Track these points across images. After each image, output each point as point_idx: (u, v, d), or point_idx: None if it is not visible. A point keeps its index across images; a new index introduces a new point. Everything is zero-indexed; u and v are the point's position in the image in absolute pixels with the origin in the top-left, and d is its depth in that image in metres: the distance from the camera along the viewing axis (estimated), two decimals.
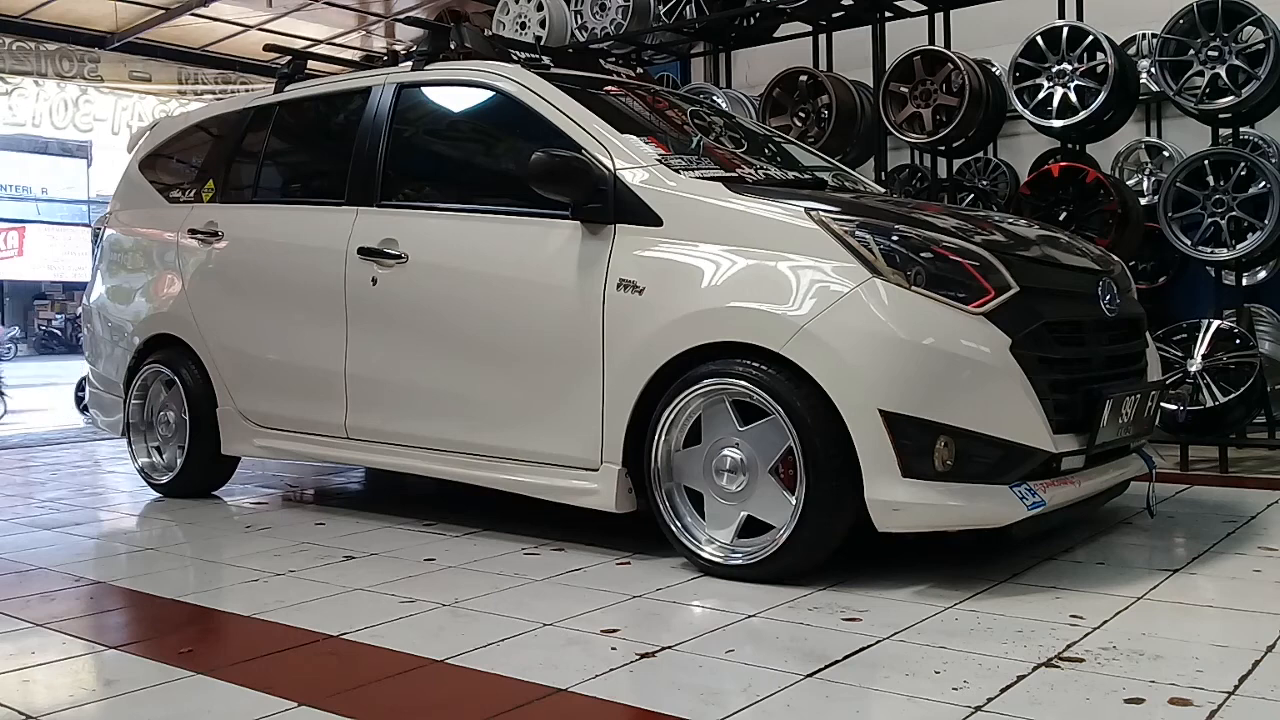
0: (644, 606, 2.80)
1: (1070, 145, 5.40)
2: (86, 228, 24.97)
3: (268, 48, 5.60)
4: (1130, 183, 6.38)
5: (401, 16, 8.90)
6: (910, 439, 2.77)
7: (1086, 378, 3.05)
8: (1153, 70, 5.38)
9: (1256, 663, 2.23)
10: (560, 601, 2.84)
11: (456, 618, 2.73)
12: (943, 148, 5.63)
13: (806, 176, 3.81)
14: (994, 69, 6.05)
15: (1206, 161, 4.89)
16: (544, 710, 2.11)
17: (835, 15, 6.06)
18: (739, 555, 3.01)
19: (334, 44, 9.95)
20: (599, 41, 6.41)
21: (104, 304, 5.10)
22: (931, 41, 5.61)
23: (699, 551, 3.08)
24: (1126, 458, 3.39)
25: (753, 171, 3.56)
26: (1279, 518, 3.69)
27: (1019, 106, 5.15)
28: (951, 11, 5.65)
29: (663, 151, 3.42)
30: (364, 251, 3.87)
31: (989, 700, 2.07)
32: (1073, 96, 5.01)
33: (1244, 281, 5.45)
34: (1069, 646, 2.37)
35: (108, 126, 11.09)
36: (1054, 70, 5.05)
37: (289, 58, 4.79)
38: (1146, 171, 6.54)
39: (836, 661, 2.32)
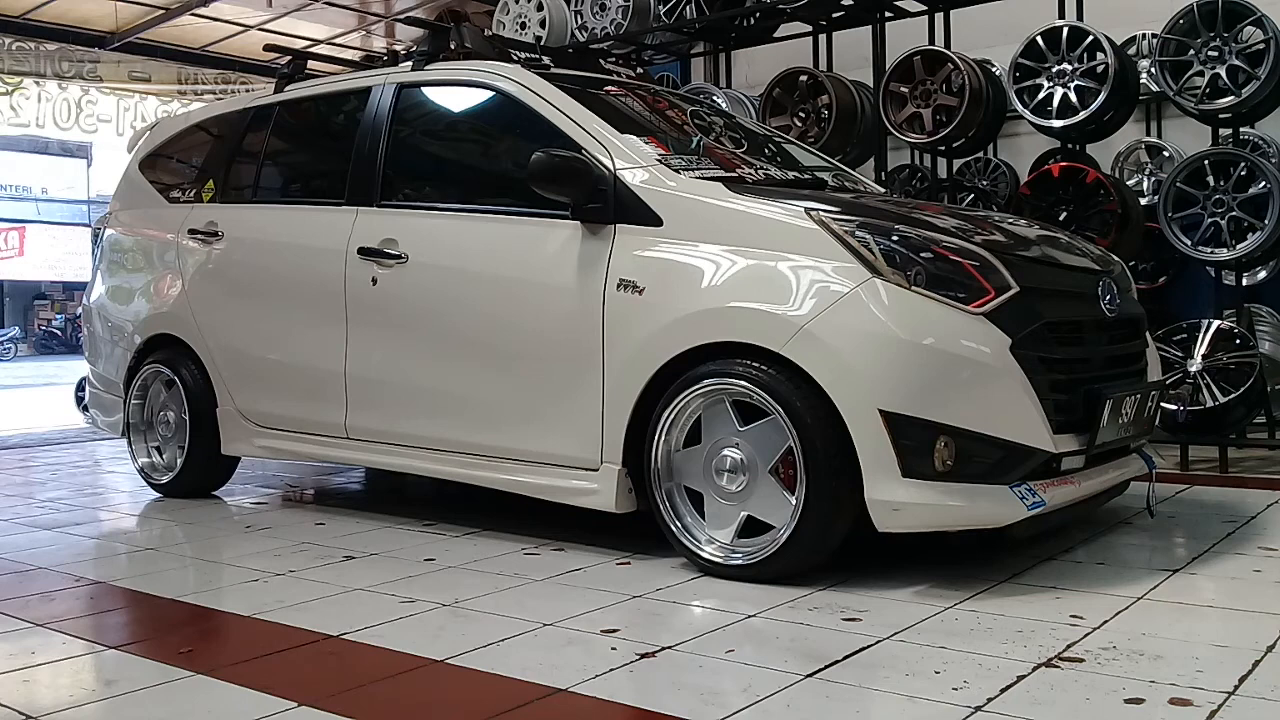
0: (644, 606, 2.80)
1: (1070, 145, 5.40)
2: (86, 228, 24.96)
3: (268, 48, 5.60)
4: (1130, 183, 6.38)
5: (401, 16, 8.88)
6: (910, 439, 2.77)
7: (1086, 378, 3.06)
8: (1153, 70, 5.38)
9: (1256, 663, 2.23)
10: (560, 601, 2.84)
11: (456, 618, 2.73)
12: (943, 148, 5.64)
13: (806, 176, 3.81)
14: (994, 69, 6.05)
15: (1206, 161, 4.89)
16: (544, 710, 2.11)
17: (835, 15, 6.06)
18: (739, 555, 3.01)
19: (334, 44, 9.93)
20: (599, 41, 6.41)
21: (104, 304, 5.10)
22: (931, 41, 5.61)
23: (699, 551, 3.08)
24: (1126, 458, 3.39)
25: (753, 171, 3.56)
26: (1279, 518, 3.69)
27: (1019, 106, 5.15)
28: (951, 11, 5.65)
29: (663, 151, 3.42)
30: (364, 251, 3.87)
31: (989, 700, 2.07)
32: (1073, 96, 5.01)
33: (1244, 281, 5.45)
34: (1069, 646, 2.37)
35: (112, 128, 11.07)
36: (1054, 70, 5.05)
37: (289, 58, 4.79)
38: (1146, 171, 6.54)
39: (836, 661, 2.32)
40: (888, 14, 5.76)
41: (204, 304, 4.52)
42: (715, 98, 6.22)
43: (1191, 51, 4.90)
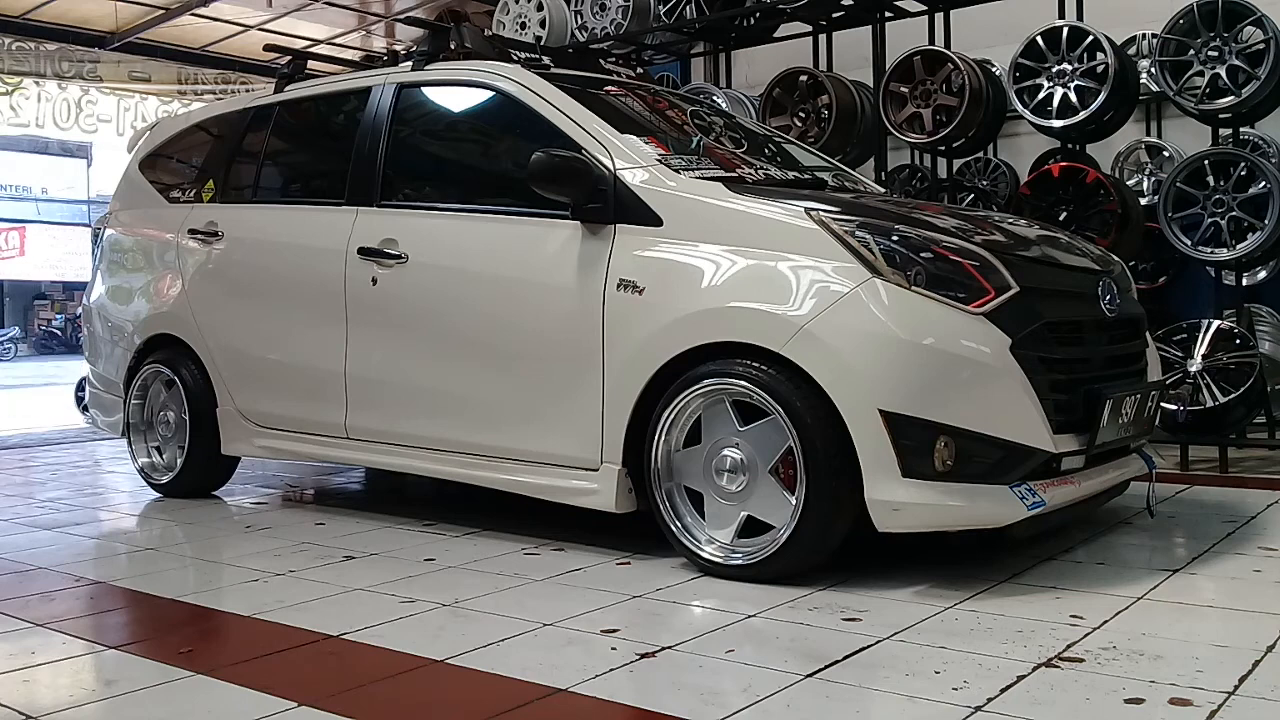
0: (644, 606, 2.80)
1: (1070, 145, 5.40)
2: (86, 228, 24.96)
3: (268, 48, 5.60)
4: (1130, 183, 6.38)
5: (401, 16, 8.88)
6: (910, 439, 2.77)
7: (1086, 378, 3.06)
8: (1153, 70, 5.38)
9: (1256, 663, 2.23)
10: (560, 601, 2.84)
11: (456, 618, 2.73)
12: (943, 148, 5.63)
13: (806, 176, 3.81)
14: (994, 69, 6.05)
15: (1206, 161, 4.89)
16: (544, 710, 2.12)
17: (835, 15, 6.06)
18: (739, 555, 3.01)
19: (334, 44, 9.92)
20: (599, 41, 6.41)
21: (104, 304, 5.10)
22: (931, 41, 5.61)
23: (699, 551, 3.08)
24: (1126, 458, 3.39)
25: (753, 171, 3.56)
26: (1279, 518, 3.69)
27: (1019, 106, 5.15)
28: (951, 11, 5.65)
29: (663, 151, 3.42)
30: (364, 251, 3.87)
31: (989, 700, 2.07)
32: (1073, 96, 5.01)
33: (1244, 281, 5.45)
34: (1069, 646, 2.37)
35: (112, 128, 11.06)
36: (1054, 70, 5.05)
37: (289, 58, 4.79)
38: (1146, 171, 6.54)
39: (836, 661, 2.32)
40: (888, 14, 5.75)
41: (204, 304, 4.52)
42: (715, 98, 6.22)
43: (1191, 51, 4.90)
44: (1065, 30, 5.03)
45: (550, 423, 3.39)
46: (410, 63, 4.16)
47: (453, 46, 4.14)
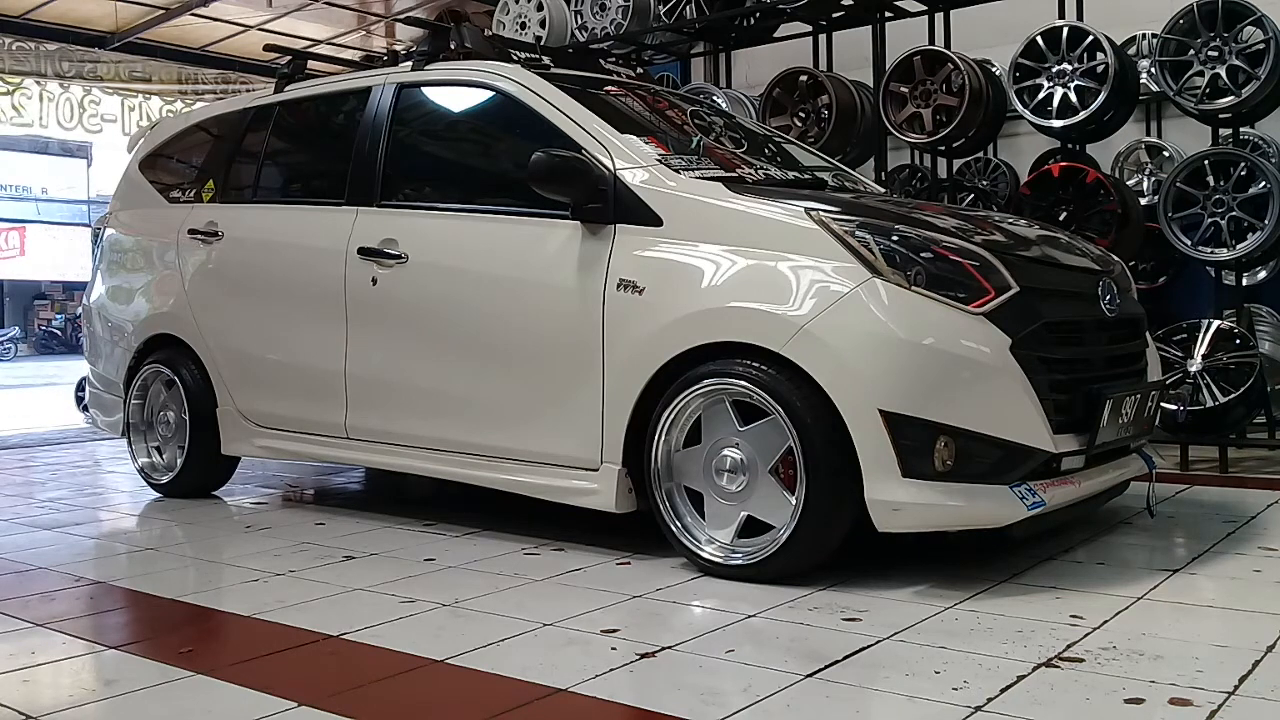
0: (644, 606, 2.80)
1: (1070, 145, 5.40)
2: (86, 228, 24.96)
3: (268, 48, 5.60)
4: (1130, 183, 6.38)
5: (401, 16, 8.89)
6: (910, 439, 2.77)
7: (1086, 378, 3.06)
8: (1153, 70, 5.39)
9: (1256, 663, 2.23)
10: (560, 601, 2.84)
11: (456, 618, 2.73)
12: (943, 148, 5.63)
13: (806, 176, 3.81)
14: (994, 69, 6.05)
15: (1206, 161, 4.89)
16: (544, 710, 2.12)
17: (835, 15, 6.06)
18: (739, 555, 3.01)
19: (334, 44, 9.92)
20: (599, 41, 6.41)
21: (104, 304, 5.10)
22: (931, 41, 5.61)
23: (699, 551, 3.08)
24: (1126, 458, 3.39)
25: (753, 171, 3.56)
26: (1279, 518, 3.70)
27: (1019, 106, 5.15)
28: (951, 11, 5.65)
29: (663, 151, 3.42)
30: (364, 251, 3.87)
31: (989, 700, 2.07)
32: (1073, 96, 5.01)
33: (1244, 281, 5.45)
34: (1069, 646, 2.37)
35: (117, 127, 11.04)
36: (1054, 70, 5.05)
37: (289, 58, 4.79)
38: (1146, 171, 6.55)
39: (836, 661, 2.32)
40: (888, 14, 5.76)
41: (204, 304, 4.52)
42: (715, 98, 6.22)
43: (1191, 51, 4.90)
44: (1065, 30, 5.03)
45: (550, 423, 3.39)
46: (410, 63, 4.15)
47: (453, 46, 4.14)
